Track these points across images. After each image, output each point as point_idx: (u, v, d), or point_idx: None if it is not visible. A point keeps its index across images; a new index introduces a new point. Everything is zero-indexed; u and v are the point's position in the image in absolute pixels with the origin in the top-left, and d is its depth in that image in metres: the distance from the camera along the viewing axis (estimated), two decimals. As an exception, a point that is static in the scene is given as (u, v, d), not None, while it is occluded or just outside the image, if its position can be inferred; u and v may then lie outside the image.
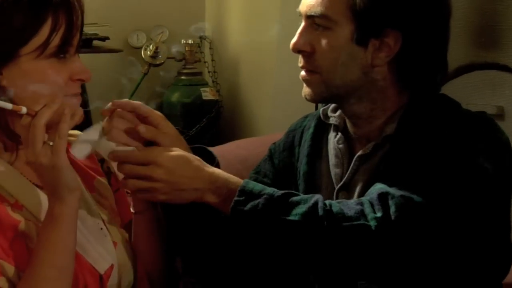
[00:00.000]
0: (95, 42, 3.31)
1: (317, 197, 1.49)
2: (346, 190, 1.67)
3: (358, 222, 1.44)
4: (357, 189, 1.64)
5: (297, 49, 1.63)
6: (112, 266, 1.51)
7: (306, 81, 1.64)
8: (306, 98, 1.66)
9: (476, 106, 2.74)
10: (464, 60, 2.76)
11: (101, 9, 3.74)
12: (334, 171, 1.69)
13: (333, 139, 1.72)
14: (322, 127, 1.76)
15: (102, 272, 1.50)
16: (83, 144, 1.49)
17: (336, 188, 1.68)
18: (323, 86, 1.61)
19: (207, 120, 3.70)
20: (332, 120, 1.72)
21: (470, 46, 2.75)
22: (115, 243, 1.56)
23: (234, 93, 3.92)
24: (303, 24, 1.64)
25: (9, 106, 1.37)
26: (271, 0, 3.57)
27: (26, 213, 1.45)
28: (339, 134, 1.70)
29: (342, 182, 1.67)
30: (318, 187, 1.72)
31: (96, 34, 3.27)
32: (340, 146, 1.69)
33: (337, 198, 1.67)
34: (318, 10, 1.59)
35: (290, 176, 1.78)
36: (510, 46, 2.61)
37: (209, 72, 4.11)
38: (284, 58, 3.48)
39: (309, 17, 1.61)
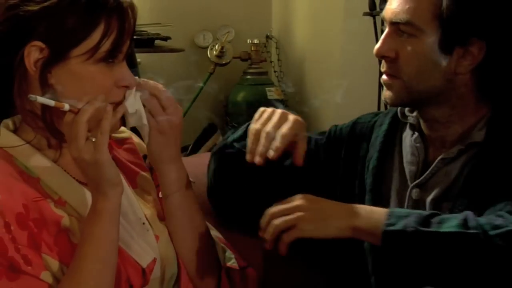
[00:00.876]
0: (157, 42, 3.35)
1: (466, 212, 1.49)
2: (421, 188, 1.68)
3: (509, 228, 1.43)
4: (435, 190, 1.66)
5: (381, 55, 1.64)
6: (154, 260, 1.54)
7: (388, 85, 1.66)
8: (386, 102, 1.68)
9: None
10: None
11: (167, 9, 3.80)
12: (408, 168, 1.71)
13: (409, 137, 1.73)
14: (396, 125, 1.78)
15: (144, 266, 1.52)
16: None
17: (411, 184, 1.70)
18: (405, 91, 1.63)
19: (272, 120, 3.71)
20: (410, 119, 1.73)
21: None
22: (157, 237, 1.59)
23: (300, 93, 3.93)
24: (387, 30, 1.65)
25: (51, 103, 1.40)
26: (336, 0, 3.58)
27: (69, 209, 1.48)
28: (416, 133, 1.72)
29: (419, 180, 1.68)
30: (388, 183, 1.74)
31: (158, 34, 3.31)
32: (418, 145, 1.71)
33: (410, 195, 1.69)
34: (403, 17, 1.60)
35: (334, 167, 1.81)
36: None
37: (275, 71, 4.13)
38: (349, 58, 3.48)
39: (394, 24, 1.63)
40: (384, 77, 1.66)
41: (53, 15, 1.41)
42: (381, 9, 3.22)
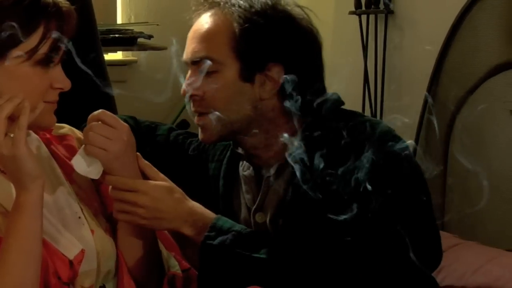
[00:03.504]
0: (140, 40, 3.42)
1: (283, 237, 1.61)
2: (262, 211, 1.75)
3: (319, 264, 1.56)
4: (271, 210, 1.72)
5: (189, 95, 1.69)
6: (82, 252, 1.57)
7: (201, 125, 1.71)
8: (204, 142, 1.74)
9: (511, 103, 2.74)
10: (502, 58, 2.75)
11: (163, 9, 3.85)
12: (246, 196, 1.77)
13: (240, 168, 1.80)
14: (235, 158, 1.82)
15: (71, 258, 1.55)
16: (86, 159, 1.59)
17: (252, 210, 1.76)
18: (219, 125, 1.68)
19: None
20: (239, 150, 1.78)
21: (507, 44, 2.73)
22: (92, 231, 1.62)
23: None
24: (189, 70, 1.70)
25: None
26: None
27: None
28: (245, 162, 1.78)
29: (256, 205, 1.75)
30: (237, 209, 1.79)
31: (141, 33, 3.38)
32: (245, 173, 1.78)
33: (254, 220, 1.75)
34: (201, 55, 1.66)
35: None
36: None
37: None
38: (338, 56, 3.53)
39: (194, 63, 1.68)
40: (196, 118, 1.71)
41: None
42: (367, 8, 3.29)
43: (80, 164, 1.60)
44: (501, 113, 2.78)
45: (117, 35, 3.27)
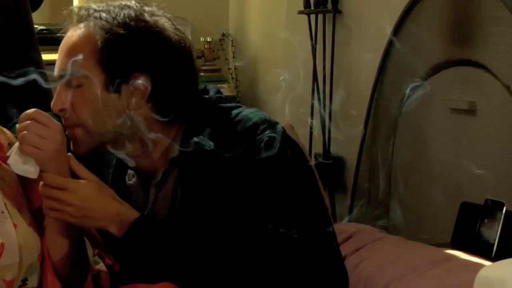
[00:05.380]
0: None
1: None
2: None
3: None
4: (162, 216, 1.76)
5: (57, 109, 1.72)
6: (2, 245, 1.60)
7: (73, 137, 1.73)
8: (77, 153, 1.74)
9: (450, 101, 2.80)
10: (442, 57, 2.81)
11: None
12: (136, 206, 1.77)
13: (126, 177, 1.84)
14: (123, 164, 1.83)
15: None
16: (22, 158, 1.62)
17: None
18: (89, 137, 1.71)
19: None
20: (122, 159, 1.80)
21: (447, 44, 2.79)
22: (15, 225, 1.65)
23: (253, 89, 4.04)
24: (59, 85, 1.72)
25: None
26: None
27: None
28: (129, 171, 1.82)
29: (146, 213, 1.77)
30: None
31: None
32: (131, 182, 1.82)
33: None
34: (67, 69, 1.68)
35: None
36: (481, 43, 2.64)
37: (229, 69, 4.23)
38: (290, 55, 3.58)
39: (61, 77, 1.71)
40: (67, 131, 1.72)
41: None
42: (316, 7, 3.34)
43: (17, 164, 1.63)
44: (442, 111, 2.84)
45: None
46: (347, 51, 3.32)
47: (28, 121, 1.63)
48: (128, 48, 1.68)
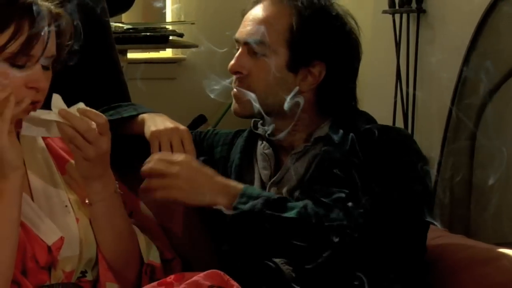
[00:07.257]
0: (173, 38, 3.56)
1: (306, 202, 1.69)
2: (277, 186, 1.85)
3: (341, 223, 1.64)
4: (288, 185, 1.83)
5: (234, 71, 1.81)
6: (61, 239, 1.64)
7: (237, 98, 1.83)
8: (235, 113, 1.85)
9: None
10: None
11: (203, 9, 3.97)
12: (263, 172, 1.88)
13: (260, 146, 1.90)
14: (254, 137, 1.93)
15: (50, 244, 1.63)
16: (37, 123, 1.61)
17: (268, 184, 1.86)
18: (254, 103, 1.78)
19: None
20: (260, 131, 1.89)
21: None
22: (77, 219, 1.70)
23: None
24: (240, 49, 1.82)
25: None
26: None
27: None
28: (264, 142, 1.89)
29: (275, 178, 1.85)
30: (247, 183, 1.85)
31: (174, 31, 3.52)
32: (266, 151, 1.88)
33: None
34: (257, 37, 1.78)
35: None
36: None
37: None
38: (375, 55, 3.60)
39: (247, 44, 1.80)
40: (234, 90, 1.82)
41: None
42: (400, 7, 3.35)
43: (29, 127, 1.61)
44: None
45: (148, 34, 3.42)
46: (431, 50, 3.32)
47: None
48: (317, 36, 1.79)
